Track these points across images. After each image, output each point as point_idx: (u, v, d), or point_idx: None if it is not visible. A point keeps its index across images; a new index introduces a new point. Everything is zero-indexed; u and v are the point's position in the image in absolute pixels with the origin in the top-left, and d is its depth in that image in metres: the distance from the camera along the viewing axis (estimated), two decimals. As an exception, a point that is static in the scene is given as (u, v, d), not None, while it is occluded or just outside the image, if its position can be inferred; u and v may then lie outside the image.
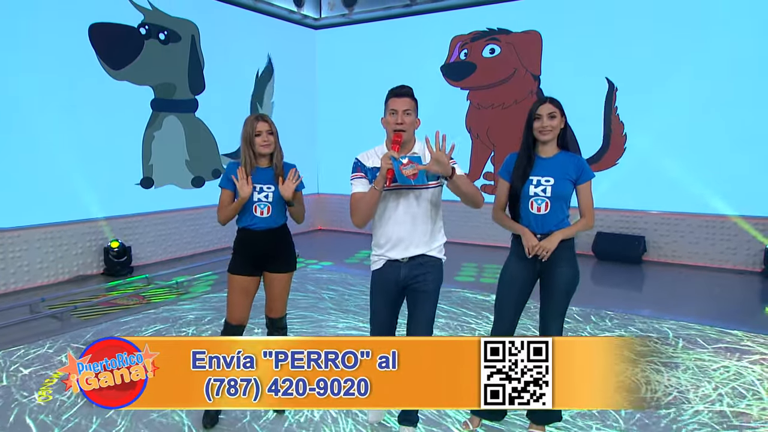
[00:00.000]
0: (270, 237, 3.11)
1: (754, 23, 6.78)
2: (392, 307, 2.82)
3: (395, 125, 2.64)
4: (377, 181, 2.59)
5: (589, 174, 2.87)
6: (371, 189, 2.63)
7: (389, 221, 2.72)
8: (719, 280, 6.78)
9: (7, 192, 6.00)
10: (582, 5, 7.82)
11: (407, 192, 2.68)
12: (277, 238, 3.14)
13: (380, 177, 2.57)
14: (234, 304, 3.13)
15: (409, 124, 2.65)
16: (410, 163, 2.55)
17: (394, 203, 2.70)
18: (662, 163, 7.47)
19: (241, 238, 3.16)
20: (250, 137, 3.06)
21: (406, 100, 2.66)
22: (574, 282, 2.89)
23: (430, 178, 2.67)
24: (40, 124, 6.20)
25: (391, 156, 2.53)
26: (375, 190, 2.60)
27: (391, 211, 2.71)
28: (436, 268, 2.78)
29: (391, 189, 2.66)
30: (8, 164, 6.00)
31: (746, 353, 4.30)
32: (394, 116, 2.64)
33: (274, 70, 9.33)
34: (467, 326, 4.91)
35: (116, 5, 6.92)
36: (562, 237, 2.81)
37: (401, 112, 2.63)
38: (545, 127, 2.82)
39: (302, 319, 5.10)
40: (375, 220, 2.77)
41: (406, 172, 2.53)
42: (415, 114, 2.69)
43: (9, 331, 4.77)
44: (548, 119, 2.82)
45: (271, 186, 3.09)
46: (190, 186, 8.05)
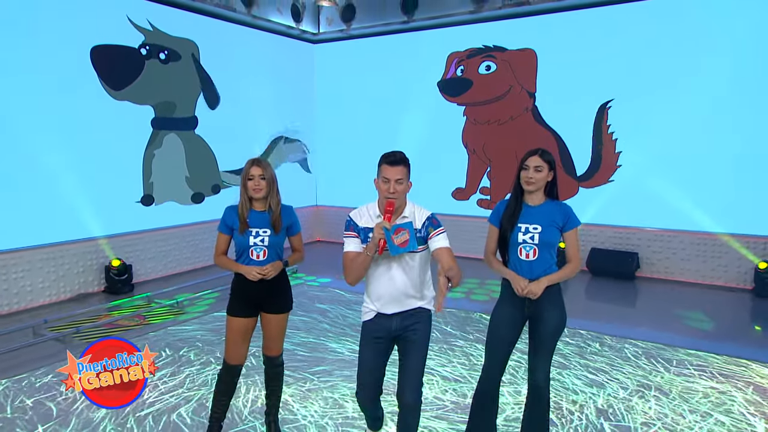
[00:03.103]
0: (267, 280, 3.17)
1: (748, 44, 6.90)
2: (382, 356, 2.91)
3: (387, 194, 2.71)
4: (369, 248, 2.68)
5: (575, 222, 2.99)
6: (364, 254, 2.72)
7: (381, 280, 2.82)
8: (711, 297, 6.90)
9: (8, 213, 6.10)
10: (577, 24, 7.93)
11: (399, 256, 2.77)
12: (273, 281, 3.20)
13: (372, 245, 2.67)
14: (232, 345, 3.22)
15: (401, 192, 2.72)
16: (401, 231, 2.65)
17: (385, 266, 2.80)
18: (655, 181, 7.58)
19: (238, 280, 3.23)
20: (245, 180, 3.16)
21: (399, 169, 2.71)
22: (561, 325, 3.01)
23: (419, 244, 2.77)
24: (40, 145, 6.30)
25: (383, 227, 2.63)
26: (367, 256, 2.70)
27: (382, 273, 2.81)
28: (426, 319, 2.88)
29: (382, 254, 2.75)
30: (10, 185, 6.10)
31: (734, 379, 4.42)
32: (386, 184, 2.71)
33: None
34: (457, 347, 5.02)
35: (117, 27, 7.03)
36: (549, 283, 2.92)
37: (393, 181, 2.70)
38: (530, 179, 2.93)
39: (299, 344, 5.20)
40: (367, 277, 2.86)
41: (397, 241, 2.64)
42: (406, 180, 2.75)
43: (13, 355, 4.87)
44: (534, 171, 2.93)
45: (267, 230, 3.16)
46: (190, 202, 8.15)
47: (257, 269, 3.11)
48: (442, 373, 4.53)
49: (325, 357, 4.89)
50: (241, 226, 3.15)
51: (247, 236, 3.15)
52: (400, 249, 2.65)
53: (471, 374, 4.48)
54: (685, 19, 7.24)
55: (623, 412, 3.89)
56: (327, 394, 4.17)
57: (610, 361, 4.79)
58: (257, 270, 3.11)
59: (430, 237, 2.78)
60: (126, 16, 7.11)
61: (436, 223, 2.81)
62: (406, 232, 2.64)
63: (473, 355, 4.91)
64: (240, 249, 3.21)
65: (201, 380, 4.39)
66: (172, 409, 3.90)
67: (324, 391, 4.20)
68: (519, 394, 4.13)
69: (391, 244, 2.63)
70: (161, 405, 3.96)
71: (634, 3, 7.52)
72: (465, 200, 9.11)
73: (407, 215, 2.79)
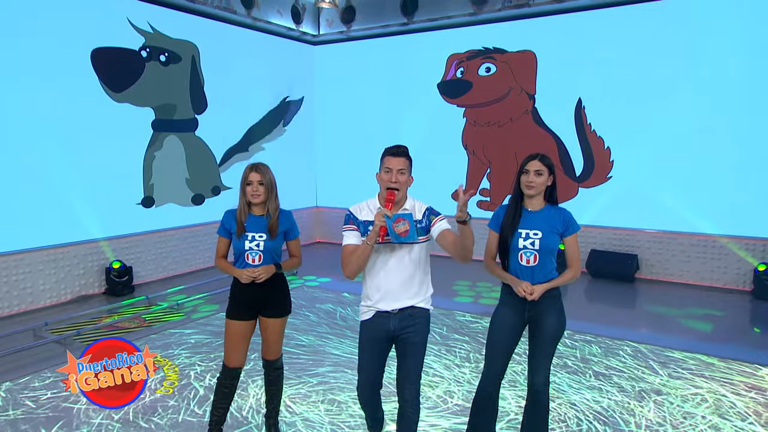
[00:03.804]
0: (264, 283, 3.18)
1: (747, 46, 6.91)
2: (381, 356, 2.92)
3: (389, 183, 2.76)
4: (369, 237, 2.70)
5: (575, 227, 3.00)
6: (363, 244, 2.73)
7: (380, 273, 2.83)
8: (710, 298, 6.92)
9: (9, 215, 6.11)
10: (577, 27, 7.94)
11: (398, 246, 2.80)
12: (271, 285, 3.21)
13: (373, 234, 2.69)
14: (231, 348, 3.23)
15: (402, 182, 2.77)
16: (402, 221, 2.68)
17: (384, 257, 2.82)
18: (655, 183, 7.60)
19: (237, 284, 3.24)
20: (244, 185, 3.18)
21: (401, 160, 2.77)
22: (560, 330, 3.02)
23: (419, 234, 2.79)
24: (41, 147, 6.32)
25: (384, 214, 2.65)
26: (367, 245, 2.72)
27: (381, 264, 2.82)
28: (425, 319, 2.89)
29: (382, 243, 2.78)
30: (10, 188, 6.12)
31: (733, 381, 4.44)
32: (388, 174, 2.76)
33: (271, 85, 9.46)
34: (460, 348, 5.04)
35: (118, 29, 7.04)
36: (548, 288, 2.93)
37: (396, 171, 2.75)
38: (530, 183, 2.95)
39: (299, 345, 5.22)
40: (366, 272, 2.88)
41: (398, 230, 2.67)
42: (408, 172, 2.81)
43: (14, 358, 4.89)
44: (534, 175, 2.94)
45: (263, 235, 3.18)
46: (190, 204, 8.17)
47: (248, 271, 3.13)
48: (445, 374, 4.54)
49: (325, 358, 4.91)
50: (237, 230, 3.17)
51: (243, 240, 3.17)
52: (401, 238, 2.68)
53: (473, 376, 4.50)
54: (685, 21, 7.25)
55: (622, 416, 3.90)
56: (327, 395, 4.18)
57: (609, 363, 4.80)
58: (248, 272, 3.13)
59: (432, 224, 2.83)
60: (126, 18, 7.12)
61: (436, 212, 2.89)
62: (407, 222, 2.67)
63: (475, 356, 4.92)
64: (237, 253, 3.23)
65: (201, 383, 4.40)
66: (172, 411, 3.92)
67: (324, 393, 4.22)
68: (522, 398, 4.14)
69: (391, 231, 2.66)
70: (161, 406, 3.98)
71: (634, 5, 7.54)
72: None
73: (407, 208, 2.83)
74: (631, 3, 7.55)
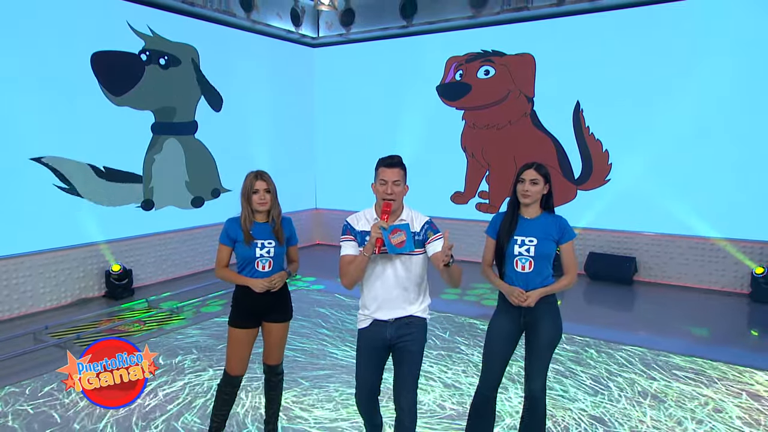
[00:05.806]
0: (270, 291, 3.20)
1: (747, 48, 6.92)
2: (378, 364, 2.95)
3: (385, 195, 2.78)
4: (366, 248, 2.73)
5: (570, 234, 3.03)
6: (360, 255, 2.77)
7: (376, 283, 2.86)
8: (708, 301, 6.94)
9: (9, 218, 6.13)
10: (575, 30, 7.96)
11: (395, 257, 2.82)
12: (275, 291, 3.23)
13: (369, 245, 2.71)
14: (233, 356, 3.25)
15: (398, 194, 2.79)
16: (398, 231, 2.70)
17: (381, 267, 2.84)
18: (653, 185, 7.62)
19: (241, 292, 3.23)
20: (249, 194, 3.19)
21: (396, 171, 2.80)
22: (557, 336, 3.05)
23: (416, 246, 2.82)
24: (41, 151, 6.34)
25: (381, 226, 2.68)
26: (364, 256, 2.74)
27: (378, 274, 2.85)
28: (421, 328, 2.92)
29: (379, 254, 2.80)
30: (11, 191, 6.13)
31: (730, 385, 4.46)
32: (384, 186, 2.79)
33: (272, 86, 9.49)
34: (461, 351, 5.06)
35: (118, 33, 7.05)
36: (543, 294, 2.96)
37: (391, 182, 2.78)
38: (526, 192, 2.98)
39: (299, 349, 5.24)
40: (363, 281, 2.91)
41: (395, 241, 2.69)
42: (403, 183, 2.83)
43: (15, 362, 4.91)
44: (530, 184, 2.97)
45: (272, 241, 3.19)
46: (190, 206, 8.19)
47: (264, 281, 3.13)
48: (443, 380, 4.56)
49: (324, 362, 4.93)
50: (246, 238, 3.16)
51: (253, 248, 3.16)
52: (397, 249, 2.70)
53: (471, 381, 4.52)
54: (684, 23, 7.26)
55: (619, 420, 3.93)
56: (326, 400, 4.20)
57: (606, 367, 4.83)
58: (264, 282, 3.13)
59: (428, 241, 2.84)
60: (126, 22, 7.14)
61: (435, 228, 2.88)
62: (403, 233, 2.70)
63: (473, 362, 4.94)
64: (245, 261, 3.21)
65: (201, 387, 4.42)
66: (172, 417, 3.94)
67: (323, 397, 4.24)
68: (520, 403, 4.16)
69: (388, 243, 2.69)
70: (161, 412, 4.00)
71: (633, 8, 7.55)
72: (464, 204, 9.14)
73: (404, 218, 2.85)
74: (629, 6, 7.57)
